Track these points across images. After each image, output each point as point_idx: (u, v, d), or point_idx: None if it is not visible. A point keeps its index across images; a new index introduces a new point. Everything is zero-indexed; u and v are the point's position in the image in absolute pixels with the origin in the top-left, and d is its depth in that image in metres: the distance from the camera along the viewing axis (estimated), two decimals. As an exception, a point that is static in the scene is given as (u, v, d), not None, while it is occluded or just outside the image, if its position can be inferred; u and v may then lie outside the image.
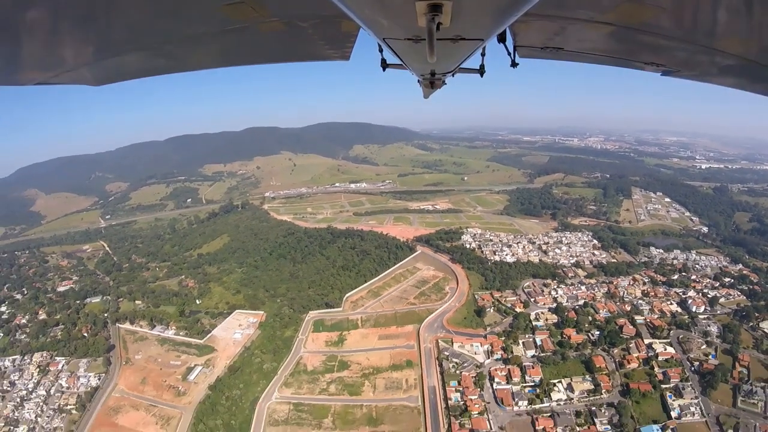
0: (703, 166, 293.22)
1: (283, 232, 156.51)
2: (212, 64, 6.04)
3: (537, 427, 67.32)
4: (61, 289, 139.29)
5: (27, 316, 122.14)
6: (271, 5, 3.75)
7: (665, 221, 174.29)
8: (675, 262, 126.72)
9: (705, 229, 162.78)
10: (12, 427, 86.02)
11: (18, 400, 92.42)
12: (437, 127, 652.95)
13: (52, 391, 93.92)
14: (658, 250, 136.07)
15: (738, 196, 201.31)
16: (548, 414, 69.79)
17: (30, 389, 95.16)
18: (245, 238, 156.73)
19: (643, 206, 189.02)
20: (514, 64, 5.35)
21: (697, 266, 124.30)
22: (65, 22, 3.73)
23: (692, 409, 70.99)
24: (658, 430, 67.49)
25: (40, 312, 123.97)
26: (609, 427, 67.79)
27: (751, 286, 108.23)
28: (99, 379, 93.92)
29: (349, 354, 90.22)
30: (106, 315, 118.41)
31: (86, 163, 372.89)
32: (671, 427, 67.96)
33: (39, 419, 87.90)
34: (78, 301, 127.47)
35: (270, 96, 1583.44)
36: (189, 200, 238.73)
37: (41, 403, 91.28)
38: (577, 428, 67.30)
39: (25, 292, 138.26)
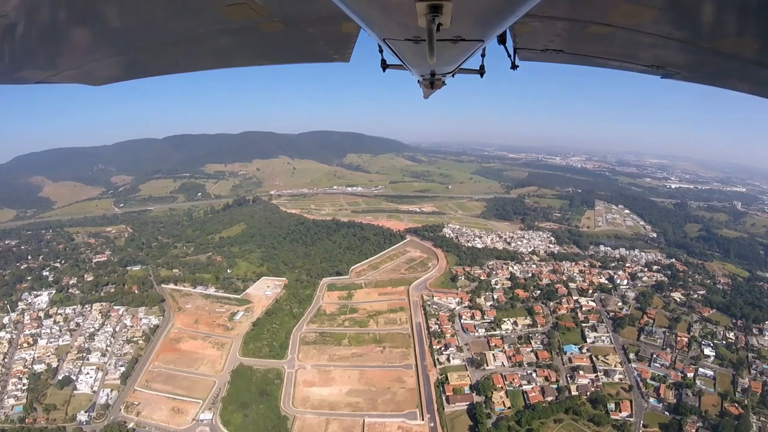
0: (674, 186, 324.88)
1: (293, 222, 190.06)
2: (213, 65, 6.49)
3: (490, 344, 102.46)
4: (97, 260, 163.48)
5: (74, 279, 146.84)
6: (271, 6, 3.93)
7: (620, 228, 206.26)
8: (617, 255, 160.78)
9: (654, 235, 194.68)
10: (85, 354, 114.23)
11: (87, 335, 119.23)
12: (426, 140, 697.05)
13: (117, 329, 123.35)
14: (606, 247, 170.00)
15: (696, 211, 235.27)
16: (499, 337, 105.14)
17: (97, 328, 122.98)
18: (261, 225, 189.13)
19: (603, 215, 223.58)
20: (514, 66, 5.64)
21: (634, 259, 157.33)
22: (66, 22, 3.98)
23: (603, 338, 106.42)
24: (576, 348, 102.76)
25: (86, 276, 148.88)
26: (541, 345, 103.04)
27: (675, 272, 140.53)
28: (158, 320, 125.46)
29: (357, 304, 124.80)
30: (151, 278, 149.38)
31: (86, 155, 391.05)
32: (586, 347, 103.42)
33: (109, 348, 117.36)
34: (120, 268, 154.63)
35: (265, 100, 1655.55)
36: (199, 194, 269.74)
37: (109, 337, 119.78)
38: (518, 345, 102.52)
39: (63, 262, 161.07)
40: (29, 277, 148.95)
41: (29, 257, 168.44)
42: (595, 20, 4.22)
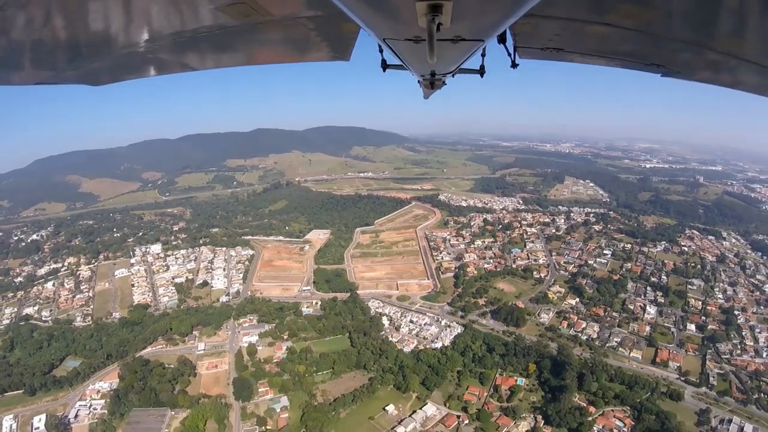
0: (647, 166, 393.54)
1: (325, 197, 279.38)
2: (212, 65, 7.12)
3: (467, 251, 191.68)
4: (178, 227, 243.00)
5: (172, 236, 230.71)
6: (271, 5, 4.36)
7: (581, 196, 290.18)
8: (567, 209, 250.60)
9: (607, 200, 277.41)
10: (211, 271, 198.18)
11: (207, 261, 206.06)
12: (424, 132, 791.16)
13: (226, 257, 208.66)
14: (564, 207, 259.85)
15: (657, 184, 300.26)
16: (473, 248, 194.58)
17: (211, 258, 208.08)
18: (300, 200, 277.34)
19: (570, 187, 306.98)
20: (514, 65, 6.28)
21: (579, 212, 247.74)
22: (65, 22, 4.34)
23: (537, 246, 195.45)
24: (518, 250, 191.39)
25: (178, 235, 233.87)
26: (498, 250, 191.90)
27: (606, 217, 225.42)
28: (253, 253, 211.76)
29: (383, 239, 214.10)
30: (232, 234, 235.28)
31: (105, 156, 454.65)
32: (525, 250, 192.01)
33: (226, 266, 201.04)
34: (204, 229, 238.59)
35: (270, 99, 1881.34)
36: (234, 183, 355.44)
37: (223, 261, 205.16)
38: (484, 251, 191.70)
39: (148, 230, 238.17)
40: (130, 239, 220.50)
41: (114, 229, 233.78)
42: (594, 20, 4.72)
